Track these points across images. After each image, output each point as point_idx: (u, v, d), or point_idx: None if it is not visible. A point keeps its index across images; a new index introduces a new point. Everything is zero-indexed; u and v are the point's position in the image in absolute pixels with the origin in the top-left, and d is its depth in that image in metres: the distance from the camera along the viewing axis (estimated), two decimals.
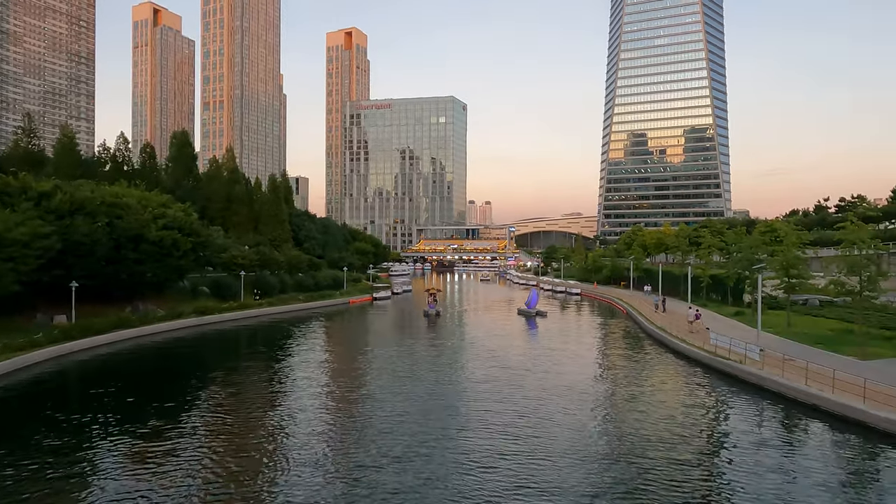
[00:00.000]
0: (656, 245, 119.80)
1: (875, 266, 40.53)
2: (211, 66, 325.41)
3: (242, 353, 50.71)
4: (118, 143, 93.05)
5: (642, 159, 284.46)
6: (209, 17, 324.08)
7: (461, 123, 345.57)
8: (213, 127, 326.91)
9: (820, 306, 63.22)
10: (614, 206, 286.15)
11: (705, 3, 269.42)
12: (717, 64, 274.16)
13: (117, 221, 53.82)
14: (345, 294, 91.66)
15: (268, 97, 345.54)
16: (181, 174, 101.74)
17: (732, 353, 38.44)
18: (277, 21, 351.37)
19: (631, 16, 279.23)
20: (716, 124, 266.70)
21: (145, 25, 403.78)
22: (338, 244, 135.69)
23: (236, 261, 76.05)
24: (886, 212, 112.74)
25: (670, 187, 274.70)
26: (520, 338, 57.13)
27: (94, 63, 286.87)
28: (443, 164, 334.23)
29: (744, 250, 63.43)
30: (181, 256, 60.46)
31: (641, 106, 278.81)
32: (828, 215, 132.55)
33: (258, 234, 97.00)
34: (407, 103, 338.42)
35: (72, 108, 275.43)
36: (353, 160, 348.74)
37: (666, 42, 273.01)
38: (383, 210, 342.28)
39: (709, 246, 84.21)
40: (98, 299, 53.70)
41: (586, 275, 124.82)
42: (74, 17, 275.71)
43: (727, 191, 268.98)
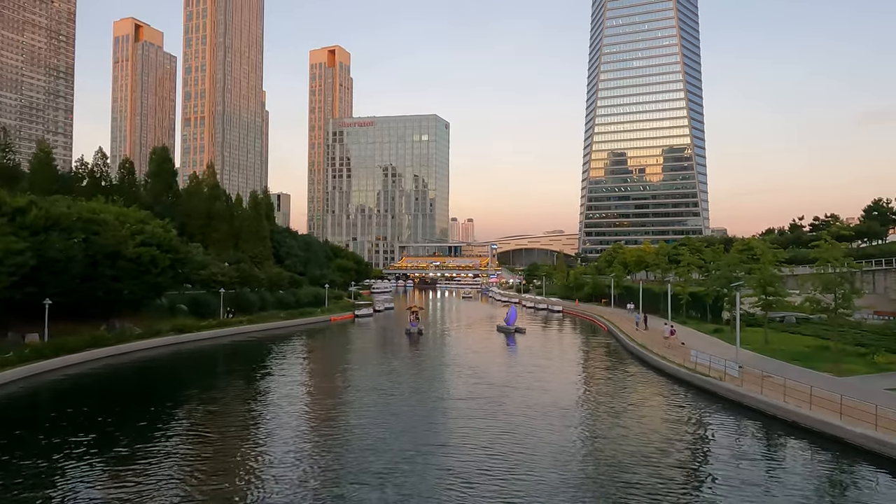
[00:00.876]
0: (637, 263, 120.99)
1: (849, 284, 41.39)
2: (193, 83, 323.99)
3: (220, 371, 49.86)
4: (96, 158, 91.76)
5: (622, 178, 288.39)
6: (192, 34, 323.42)
7: (444, 141, 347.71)
8: (193, 143, 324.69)
9: (796, 323, 64.22)
10: (595, 223, 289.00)
11: (682, 28, 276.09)
12: (694, 86, 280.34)
13: (94, 238, 52.91)
14: (326, 311, 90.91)
15: (250, 114, 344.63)
16: (161, 190, 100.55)
17: (712, 369, 38.77)
18: (261, 38, 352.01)
19: (610, 38, 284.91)
20: (693, 144, 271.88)
21: (126, 41, 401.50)
22: (319, 261, 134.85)
23: (216, 278, 75.10)
24: (859, 231, 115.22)
25: (650, 206, 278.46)
26: (501, 355, 57.06)
27: (74, 78, 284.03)
28: (425, 181, 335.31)
29: (722, 268, 64.33)
30: (159, 273, 59.55)
31: (621, 126, 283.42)
32: (803, 234, 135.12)
33: (239, 251, 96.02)
34: (390, 121, 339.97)
35: (49, 122, 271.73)
36: (335, 177, 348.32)
37: (644, 64, 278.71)
38: (365, 227, 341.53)
39: (688, 264, 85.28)
40: (72, 317, 52.55)
41: (568, 292, 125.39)
42: (54, 32, 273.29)
43: (705, 209, 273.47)
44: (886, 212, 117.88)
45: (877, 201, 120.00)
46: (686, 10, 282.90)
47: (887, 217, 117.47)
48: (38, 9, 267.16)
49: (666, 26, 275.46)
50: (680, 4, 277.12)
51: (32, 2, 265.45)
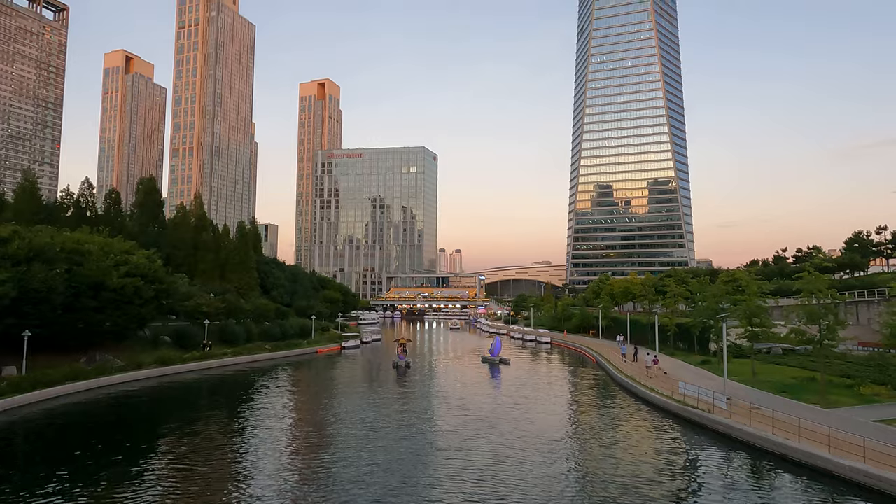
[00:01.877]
0: (624, 294, 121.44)
1: (833, 315, 41.82)
2: (182, 114, 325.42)
3: (203, 404, 48.83)
4: (82, 188, 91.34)
5: (608, 210, 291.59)
6: (182, 66, 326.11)
7: (432, 173, 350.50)
8: (181, 173, 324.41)
9: (783, 354, 64.52)
10: (582, 255, 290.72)
11: (665, 66, 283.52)
12: (677, 121, 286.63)
13: (77, 268, 52.27)
14: (312, 343, 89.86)
15: (239, 145, 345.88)
16: (147, 220, 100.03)
17: (701, 401, 38.67)
18: (251, 71, 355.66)
19: (595, 74, 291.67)
20: (677, 177, 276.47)
21: (117, 72, 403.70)
22: (306, 292, 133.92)
23: (201, 309, 74.20)
24: (841, 263, 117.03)
25: (636, 237, 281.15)
26: (489, 386, 56.55)
27: (62, 108, 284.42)
28: (413, 212, 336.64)
29: (708, 299, 64.79)
30: (143, 304, 58.75)
31: (606, 159, 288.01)
32: (786, 266, 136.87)
33: (225, 282, 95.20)
34: (378, 153, 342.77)
35: (36, 152, 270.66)
36: (323, 208, 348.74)
37: (628, 100, 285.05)
38: (353, 258, 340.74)
39: (674, 295, 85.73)
40: (52, 349, 51.46)
41: (556, 323, 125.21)
42: (44, 63, 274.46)
43: (690, 241, 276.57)
44: (866, 244, 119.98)
45: (857, 234, 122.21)
46: (668, 47, 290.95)
47: (867, 249, 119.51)
48: (29, 41, 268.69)
49: (649, 63, 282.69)
50: (662, 44, 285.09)
51: (24, 34, 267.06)
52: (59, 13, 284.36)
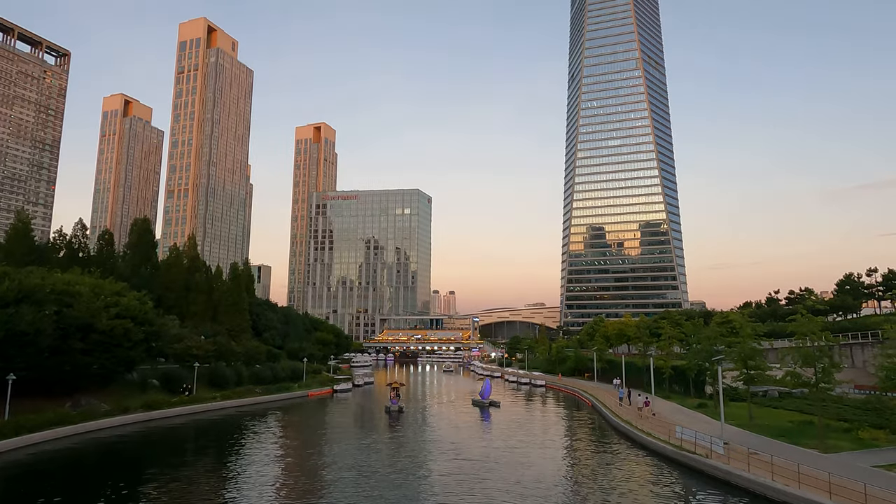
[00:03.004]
0: (618, 336, 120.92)
1: (828, 358, 41.68)
2: (179, 156, 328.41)
3: (190, 449, 47.60)
4: (75, 229, 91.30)
5: (601, 252, 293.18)
6: (180, 110, 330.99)
7: (426, 215, 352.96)
8: (175, 215, 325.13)
9: (779, 397, 63.96)
10: (576, 296, 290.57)
11: (654, 110, 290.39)
12: (667, 164, 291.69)
13: (66, 310, 51.68)
14: (303, 386, 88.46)
15: (234, 186, 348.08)
16: (139, 261, 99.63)
17: (698, 446, 38.07)
18: (248, 114, 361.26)
19: (586, 118, 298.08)
20: (668, 220, 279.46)
21: (115, 115, 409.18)
22: (299, 334, 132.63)
23: (191, 351, 73.20)
24: (833, 305, 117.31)
25: (629, 279, 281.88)
26: (483, 430, 55.55)
27: (59, 150, 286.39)
28: (407, 254, 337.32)
29: (702, 342, 64.63)
30: (132, 347, 57.90)
31: (598, 201, 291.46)
32: (779, 307, 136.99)
33: (216, 324, 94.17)
34: (373, 195, 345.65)
35: (31, 193, 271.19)
36: (317, 249, 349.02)
37: (619, 143, 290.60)
38: (347, 299, 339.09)
39: (669, 337, 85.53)
40: (37, 393, 50.34)
41: (551, 366, 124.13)
42: (43, 107, 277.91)
43: (683, 283, 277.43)
44: (858, 286, 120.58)
45: (848, 276, 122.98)
46: (656, 92, 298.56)
47: (859, 291, 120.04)
48: (29, 85, 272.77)
49: (638, 108, 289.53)
50: (650, 89, 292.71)
51: (25, 78, 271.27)
52: (60, 58, 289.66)
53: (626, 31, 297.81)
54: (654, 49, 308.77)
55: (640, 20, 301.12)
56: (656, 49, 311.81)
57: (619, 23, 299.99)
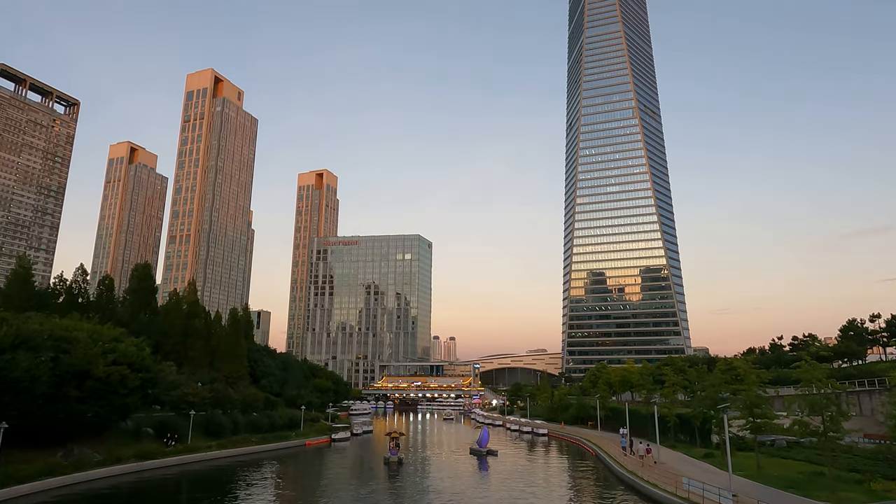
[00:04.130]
0: (621, 383, 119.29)
1: (835, 406, 40.95)
2: (182, 202, 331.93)
3: (183, 501, 46.22)
4: (76, 274, 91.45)
5: (602, 297, 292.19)
6: (185, 157, 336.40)
7: (426, 260, 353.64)
8: (177, 260, 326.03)
9: (787, 447, 62.49)
10: (578, 342, 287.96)
11: (651, 157, 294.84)
12: (666, 210, 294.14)
13: (63, 356, 51.16)
14: (301, 435, 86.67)
15: (236, 232, 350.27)
16: (139, 307, 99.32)
17: (706, 499, 36.98)
18: (252, 162, 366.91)
19: (584, 166, 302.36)
20: (669, 265, 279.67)
21: (120, 163, 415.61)
22: (297, 381, 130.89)
23: (187, 399, 72.03)
24: (837, 351, 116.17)
25: (631, 325, 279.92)
26: (485, 481, 54.05)
27: (64, 196, 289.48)
28: (408, 299, 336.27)
29: (707, 389, 63.67)
30: (128, 394, 57.01)
31: (599, 247, 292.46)
32: (783, 353, 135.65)
33: (214, 370, 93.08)
34: (374, 240, 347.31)
35: (34, 239, 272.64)
36: (317, 294, 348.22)
37: (617, 190, 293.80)
38: (346, 345, 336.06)
39: (673, 384, 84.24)
40: (28, 442, 49.25)
41: (553, 414, 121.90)
42: (51, 154, 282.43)
43: (685, 328, 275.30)
44: (861, 332, 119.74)
45: (851, 321, 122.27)
46: (653, 140, 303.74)
47: (863, 337, 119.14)
48: (38, 133, 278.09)
49: (635, 156, 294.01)
50: (647, 138, 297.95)
51: (34, 126, 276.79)
52: (70, 108, 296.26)
53: (621, 81, 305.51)
54: (649, 98, 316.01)
55: (635, 71, 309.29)
56: (652, 97, 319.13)
57: (614, 73, 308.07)
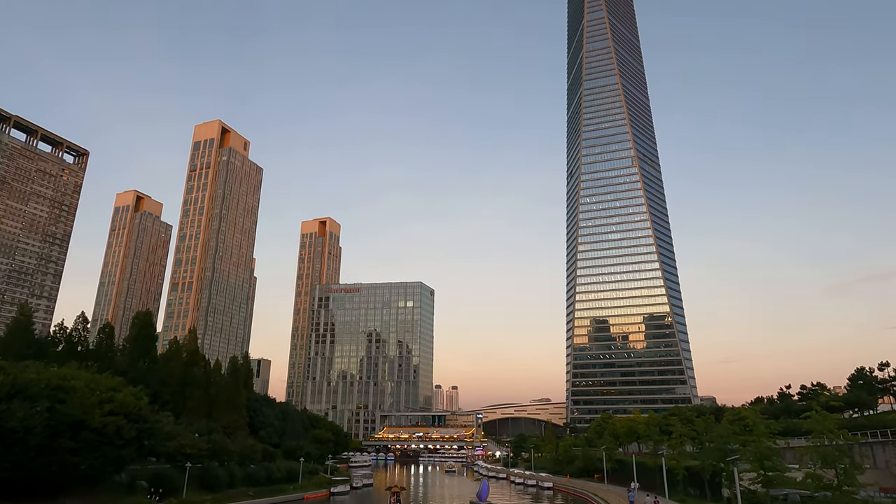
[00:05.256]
0: (627, 434, 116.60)
1: (849, 458, 39.86)
2: (185, 249, 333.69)
3: None
4: (77, 322, 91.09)
5: (606, 345, 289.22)
6: (190, 205, 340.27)
7: (428, 308, 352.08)
8: (178, 307, 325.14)
9: (801, 502, 60.41)
10: (582, 391, 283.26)
11: (651, 205, 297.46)
12: (668, 257, 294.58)
13: (59, 406, 50.33)
14: (299, 488, 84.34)
15: (238, 279, 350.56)
16: (138, 355, 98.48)
17: None
18: (256, 210, 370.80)
19: (585, 213, 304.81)
20: (672, 312, 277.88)
21: (126, 211, 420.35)
22: (296, 431, 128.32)
23: (184, 450, 70.43)
24: (847, 400, 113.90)
25: (636, 373, 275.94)
26: None
27: (69, 244, 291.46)
28: (409, 347, 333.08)
29: (715, 440, 62.14)
30: (123, 445, 55.78)
31: (601, 294, 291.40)
32: (792, 403, 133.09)
33: (212, 421, 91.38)
34: (375, 287, 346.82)
35: (36, 286, 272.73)
36: (318, 342, 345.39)
37: (619, 237, 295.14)
38: (347, 395, 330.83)
39: (680, 435, 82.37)
40: (18, 495, 47.94)
41: (558, 466, 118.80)
42: (57, 203, 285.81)
43: (691, 377, 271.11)
44: (871, 381, 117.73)
45: (860, 370, 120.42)
46: (653, 188, 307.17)
47: (873, 386, 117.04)
48: (46, 182, 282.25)
49: (636, 203, 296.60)
50: (647, 185, 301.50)
51: (43, 176, 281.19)
52: (79, 157, 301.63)
53: (620, 131, 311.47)
54: (647, 146, 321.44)
55: (633, 121, 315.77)
56: (650, 146, 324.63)
57: (613, 124, 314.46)
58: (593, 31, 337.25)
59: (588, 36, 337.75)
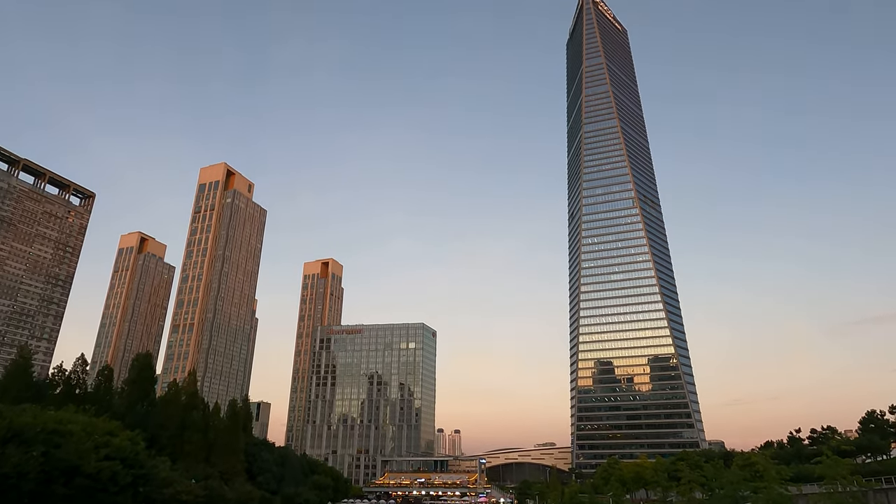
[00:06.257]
0: (635, 480, 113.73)
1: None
2: (187, 291, 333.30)
3: None
4: (76, 365, 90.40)
5: (611, 388, 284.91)
6: (193, 247, 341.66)
7: (430, 350, 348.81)
8: (178, 349, 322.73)
9: None
10: (588, 436, 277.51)
11: (653, 246, 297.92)
12: (671, 298, 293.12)
13: (54, 451, 49.36)
14: None
15: (240, 321, 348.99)
16: (137, 398, 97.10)
17: None
18: (259, 251, 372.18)
19: (587, 254, 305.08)
20: (677, 354, 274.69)
21: (130, 252, 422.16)
22: (295, 477, 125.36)
23: (180, 497, 68.74)
24: (859, 445, 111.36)
25: (642, 416, 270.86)
26: None
27: (71, 286, 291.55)
28: (411, 390, 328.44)
29: (726, 487, 60.50)
30: (118, 492, 54.46)
31: (605, 335, 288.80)
32: (803, 448, 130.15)
33: (210, 466, 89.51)
34: (378, 329, 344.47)
35: (37, 328, 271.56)
36: (319, 385, 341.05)
37: (622, 278, 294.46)
38: (347, 439, 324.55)
39: (689, 481, 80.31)
40: None
41: None
42: (62, 244, 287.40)
43: (699, 420, 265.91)
44: (883, 424, 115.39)
45: (870, 413, 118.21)
46: (654, 229, 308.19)
47: (886, 431, 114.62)
48: (51, 223, 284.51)
49: (638, 244, 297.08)
50: (648, 227, 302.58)
51: (49, 218, 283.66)
52: (85, 199, 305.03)
53: (620, 172, 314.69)
54: (648, 187, 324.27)
55: (633, 162, 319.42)
56: (650, 187, 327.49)
57: (613, 165, 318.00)
58: (592, 77, 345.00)
59: (587, 81, 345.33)
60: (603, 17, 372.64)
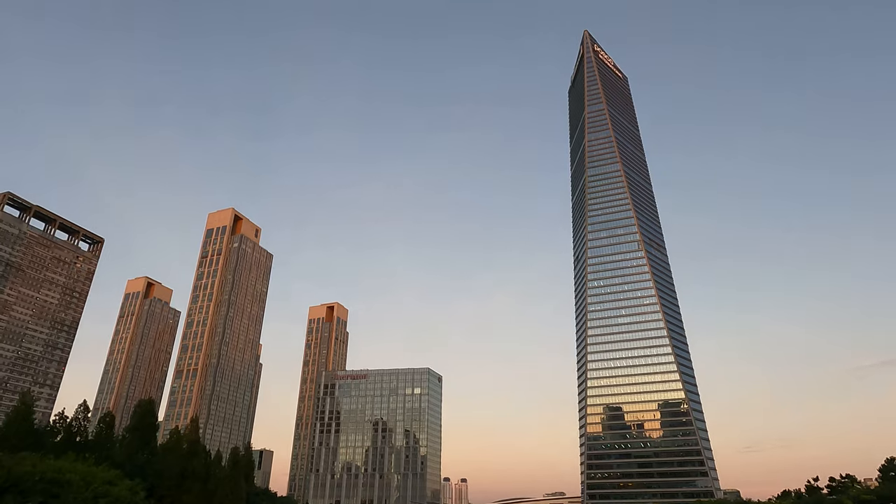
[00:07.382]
0: None
1: None
2: (192, 335, 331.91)
3: None
4: (77, 412, 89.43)
5: (621, 434, 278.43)
6: (199, 291, 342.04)
7: (436, 395, 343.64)
8: (181, 395, 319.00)
9: None
10: (598, 484, 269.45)
11: (660, 289, 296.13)
12: (680, 342, 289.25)
13: (53, 500, 48.30)
14: None
15: (244, 366, 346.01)
16: (138, 445, 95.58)
17: None
18: (264, 295, 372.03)
19: (593, 297, 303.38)
20: (688, 399, 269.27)
21: (136, 297, 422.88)
22: None
23: None
24: (881, 494, 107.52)
25: (653, 464, 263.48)
26: None
27: (76, 331, 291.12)
28: (416, 436, 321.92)
29: None
30: None
31: (613, 380, 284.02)
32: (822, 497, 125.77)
33: None
34: (383, 374, 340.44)
35: (40, 374, 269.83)
36: (323, 432, 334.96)
37: (629, 321, 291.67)
38: (351, 488, 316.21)
39: None
40: None
41: None
42: (69, 289, 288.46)
43: (712, 468, 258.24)
44: None
45: (890, 460, 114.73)
46: (660, 272, 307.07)
47: None
48: (59, 269, 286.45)
49: (644, 287, 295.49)
50: (654, 269, 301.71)
51: (57, 263, 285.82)
52: (94, 245, 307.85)
53: (625, 216, 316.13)
54: (653, 231, 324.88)
55: (637, 206, 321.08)
56: (655, 231, 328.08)
57: (617, 209, 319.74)
58: (594, 122, 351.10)
59: (589, 126, 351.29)
60: (603, 65, 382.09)
